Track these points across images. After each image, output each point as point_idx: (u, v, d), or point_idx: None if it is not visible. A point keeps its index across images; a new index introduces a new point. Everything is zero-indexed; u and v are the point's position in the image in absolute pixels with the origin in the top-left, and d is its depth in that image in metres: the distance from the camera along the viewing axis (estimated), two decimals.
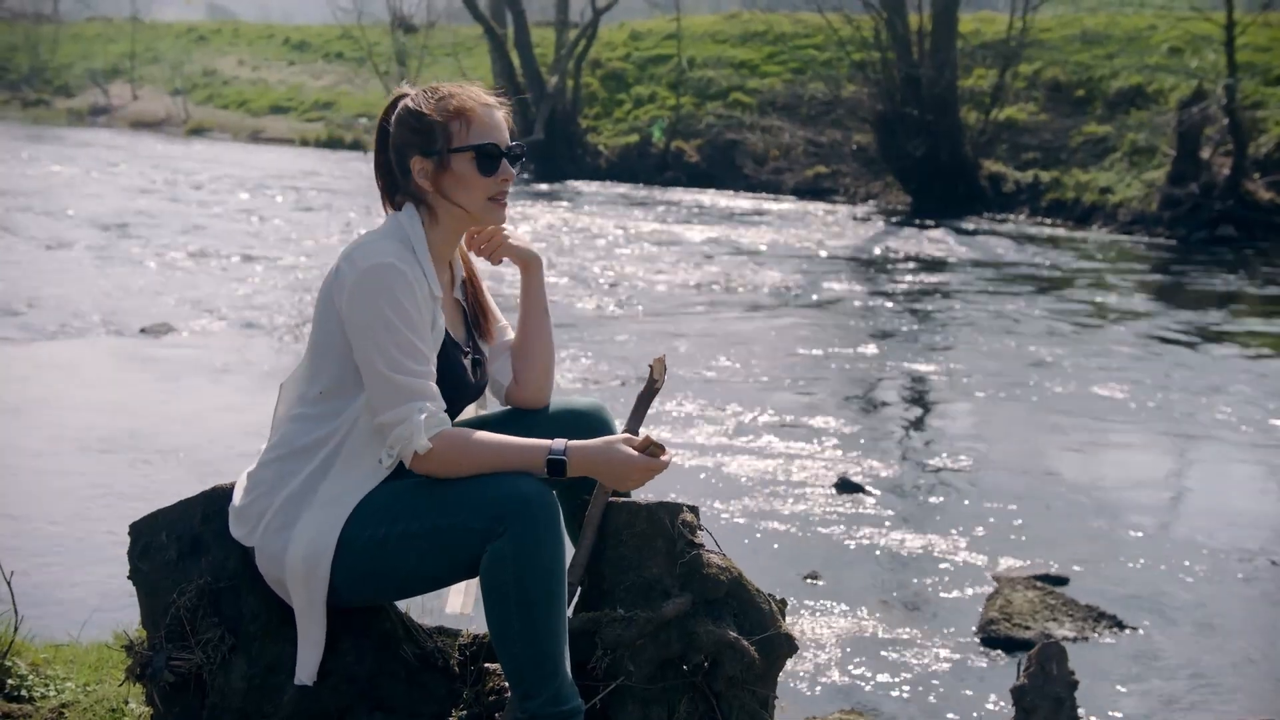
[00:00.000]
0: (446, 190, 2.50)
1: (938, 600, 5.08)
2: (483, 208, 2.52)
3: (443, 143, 2.48)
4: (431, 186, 2.51)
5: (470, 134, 2.49)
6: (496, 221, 2.57)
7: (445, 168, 2.49)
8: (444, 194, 2.51)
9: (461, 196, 2.50)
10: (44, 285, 10.93)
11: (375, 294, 2.37)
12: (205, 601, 2.51)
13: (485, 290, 2.75)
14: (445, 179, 2.50)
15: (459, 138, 2.49)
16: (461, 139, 2.49)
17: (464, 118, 2.49)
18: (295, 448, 2.46)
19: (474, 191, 2.50)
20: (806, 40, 27.77)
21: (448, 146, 2.48)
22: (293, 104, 33.69)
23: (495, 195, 2.52)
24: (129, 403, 7.52)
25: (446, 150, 2.48)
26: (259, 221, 16.09)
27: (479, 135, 2.49)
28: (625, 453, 2.39)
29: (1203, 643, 4.79)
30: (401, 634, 2.67)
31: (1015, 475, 6.76)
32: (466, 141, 2.48)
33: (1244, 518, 6.24)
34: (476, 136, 2.49)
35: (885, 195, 21.82)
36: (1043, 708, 2.65)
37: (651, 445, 2.40)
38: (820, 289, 12.82)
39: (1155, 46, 23.50)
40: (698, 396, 8.04)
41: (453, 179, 2.49)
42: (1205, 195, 17.65)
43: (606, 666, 2.50)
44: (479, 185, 2.50)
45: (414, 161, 2.50)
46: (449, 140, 2.48)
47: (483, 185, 2.50)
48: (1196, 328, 11.23)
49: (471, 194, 2.50)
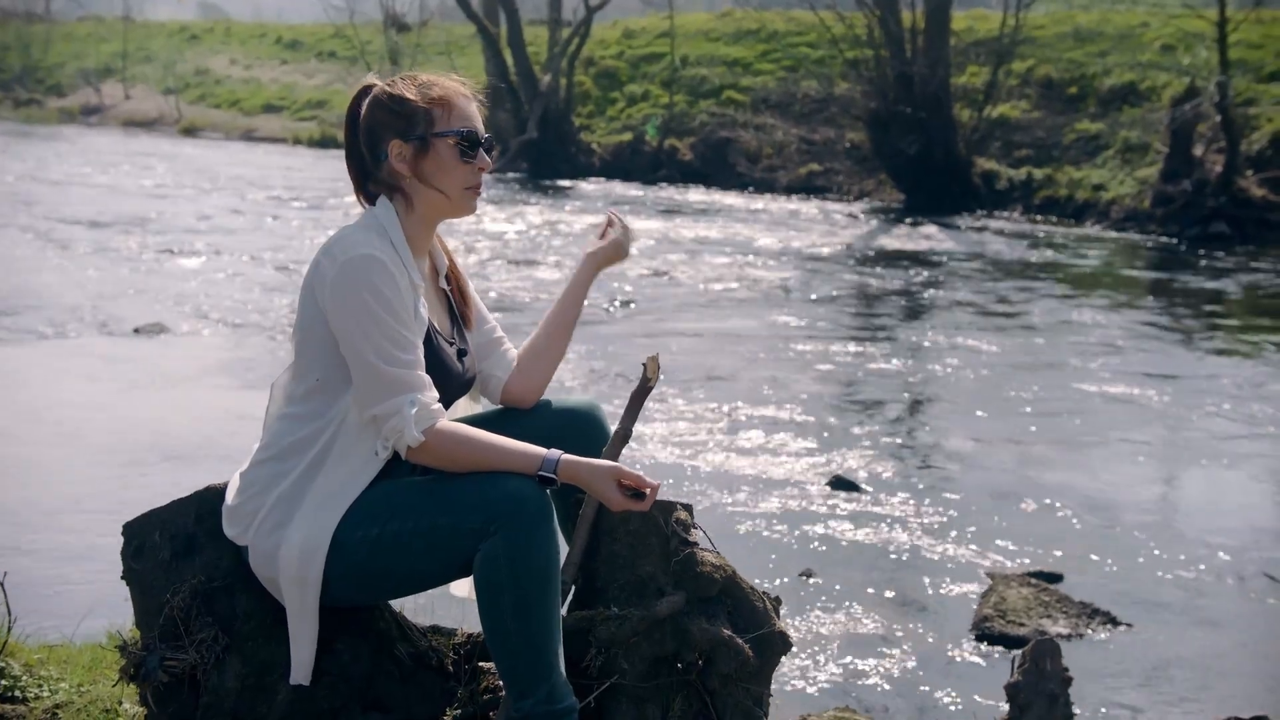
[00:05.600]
0: (426, 175, 2.50)
1: (932, 597, 5.08)
2: (460, 195, 2.53)
3: (424, 127, 2.49)
4: (409, 171, 2.50)
5: (452, 120, 2.51)
6: (469, 210, 2.58)
7: (426, 152, 2.49)
8: (423, 178, 2.50)
9: (441, 181, 2.51)
10: (37, 285, 10.91)
11: (357, 285, 2.36)
12: (199, 601, 2.50)
13: (467, 280, 2.76)
14: (425, 163, 2.50)
15: (441, 123, 2.50)
16: (444, 124, 2.50)
17: (446, 104, 2.51)
18: (286, 446, 2.46)
19: (453, 177, 2.51)
20: (799, 38, 27.79)
21: (430, 130, 2.49)
22: (285, 103, 33.65)
23: (472, 184, 2.54)
24: (122, 403, 7.51)
25: (429, 134, 2.49)
26: (252, 221, 16.07)
27: (460, 122, 2.51)
28: (608, 489, 2.40)
29: (1196, 639, 4.80)
30: (396, 633, 2.67)
31: (1009, 473, 6.77)
32: (449, 127, 2.50)
33: (1236, 515, 6.26)
34: (458, 123, 2.51)
35: (878, 193, 21.84)
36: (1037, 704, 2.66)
37: (638, 488, 2.40)
38: (814, 287, 12.82)
39: (1148, 44, 23.53)
40: (691, 394, 8.04)
41: (433, 164, 2.50)
42: (1198, 192, 17.67)
43: (601, 665, 2.50)
44: (459, 171, 2.51)
45: (392, 145, 2.49)
46: (431, 125, 2.49)
47: (462, 172, 2.51)
48: (1189, 325, 11.25)
49: (451, 179, 2.51)
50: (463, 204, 2.55)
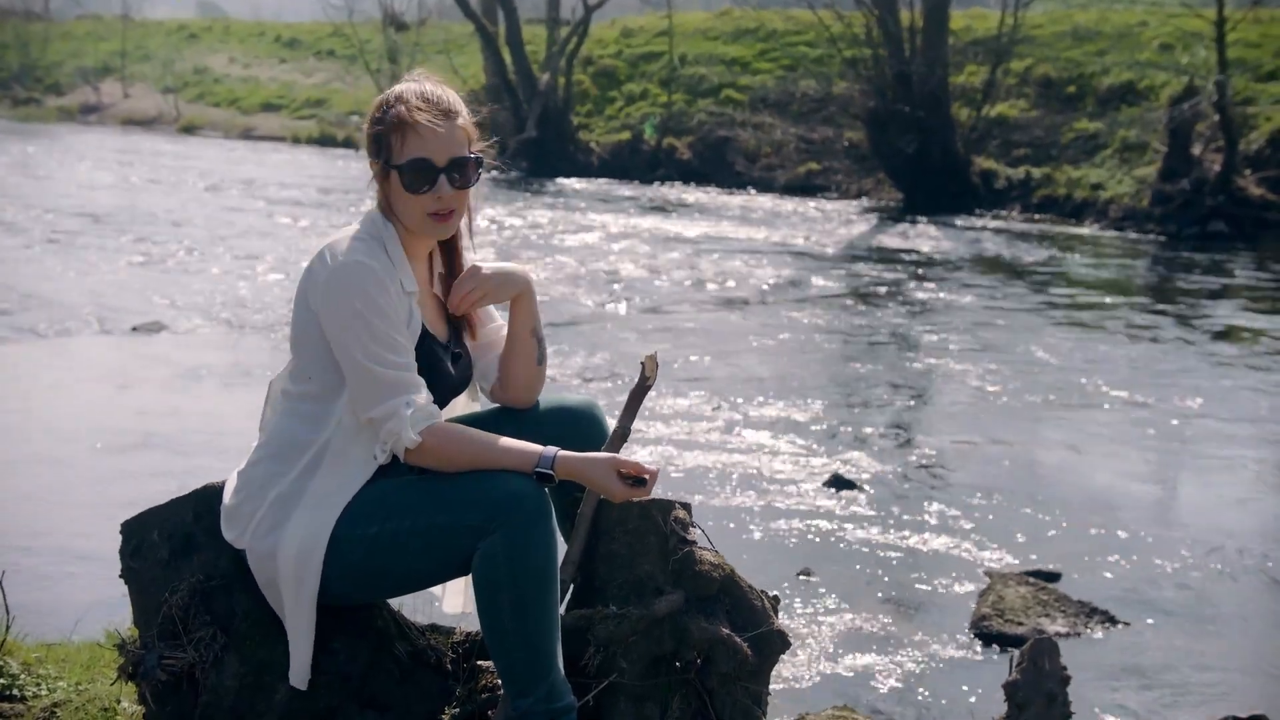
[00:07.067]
0: (389, 200, 2.46)
1: (930, 596, 5.08)
2: (421, 223, 2.45)
3: (385, 154, 2.44)
4: (381, 194, 2.48)
5: (405, 149, 2.41)
6: (441, 235, 2.50)
7: (387, 178, 2.45)
8: (390, 202, 2.47)
9: (399, 209, 2.45)
10: (35, 284, 10.91)
11: (347, 291, 2.36)
12: (197, 600, 2.50)
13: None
14: (387, 190, 2.46)
15: (395, 152, 2.42)
16: (397, 154, 2.42)
17: (400, 131, 2.41)
18: (283, 446, 2.45)
19: (408, 207, 2.44)
20: (798, 37, 27.78)
21: (388, 160, 2.43)
22: (284, 102, 33.63)
23: (435, 211, 2.44)
24: (120, 401, 7.50)
25: (388, 163, 2.44)
26: (250, 219, 16.06)
27: (412, 150, 2.40)
28: (608, 479, 2.39)
29: (1194, 637, 4.80)
30: (394, 632, 2.67)
31: (1007, 471, 6.77)
32: (400, 157, 2.41)
33: (1235, 514, 6.26)
34: (410, 151, 2.41)
35: (877, 192, 21.83)
36: (1035, 703, 2.65)
37: (638, 475, 2.40)
38: (812, 286, 12.83)
39: (1146, 43, 23.53)
40: (690, 393, 8.04)
41: (392, 191, 2.45)
42: (1196, 191, 17.68)
43: (599, 664, 2.50)
44: (411, 202, 2.43)
45: (372, 164, 2.48)
46: (389, 153, 2.43)
47: (414, 202, 2.43)
48: (1188, 324, 11.26)
49: (408, 209, 2.44)
50: (425, 230, 2.46)
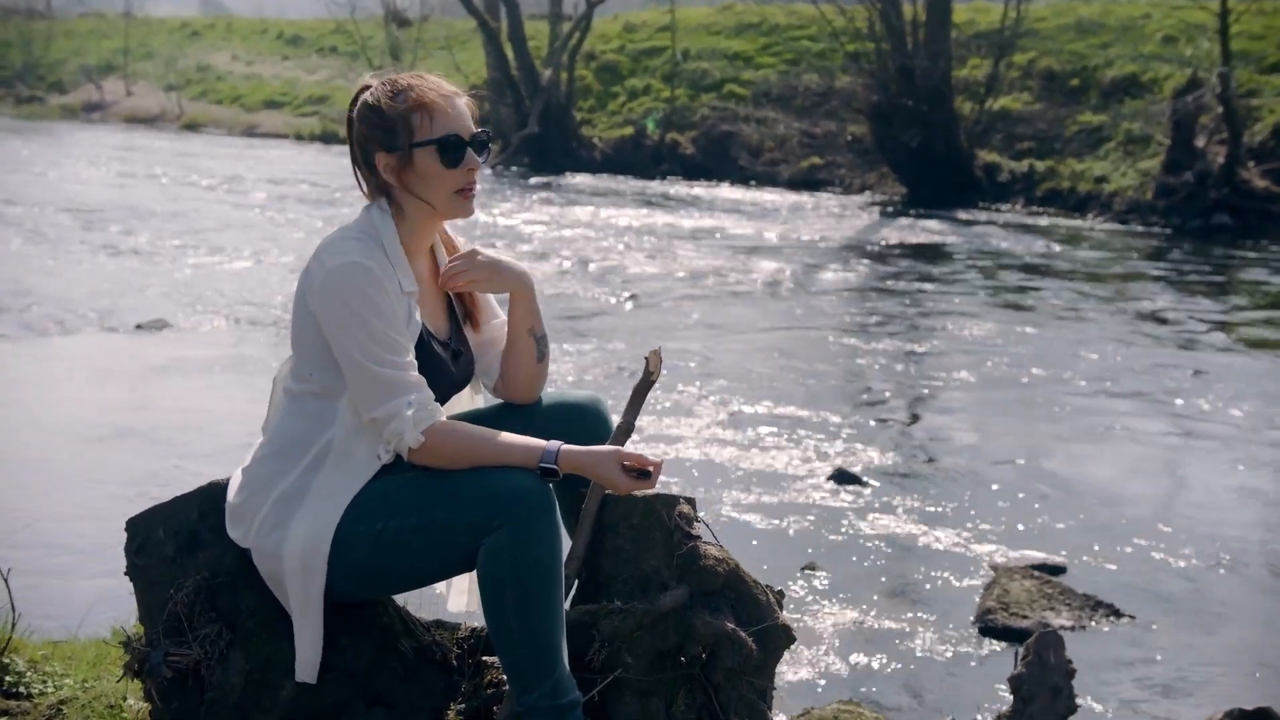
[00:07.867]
0: (411, 185, 2.46)
1: (935, 590, 5.08)
2: (448, 201, 2.48)
3: (404, 137, 2.44)
4: (397, 182, 2.47)
5: (433, 126, 2.44)
6: (464, 214, 2.52)
7: (409, 162, 2.45)
8: (409, 189, 2.47)
9: (426, 191, 2.46)
10: (39, 281, 10.91)
11: (344, 292, 2.35)
12: (203, 597, 2.50)
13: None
14: (409, 174, 2.45)
15: (421, 131, 2.44)
16: (424, 132, 2.44)
17: (424, 110, 2.44)
18: (286, 444, 2.46)
19: (439, 185, 2.46)
20: (800, 31, 27.75)
21: (410, 141, 2.44)
22: (287, 99, 33.64)
23: (462, 188, 2.47)
24: (125, 399, 7.51)
25: (409, 145, 2.44)
26: (254, 216, 16.06)
27: (441, 127, 2.44)
28: (612, 472, 2.40)
29: (1199, 631, 4.80)
30: (399, 628, 2.67)
31: (1012, 465, 6.77)
32: (429, 134, 2.44)
33: (1240, 507, 6.25)
34: (439, 128, 2.44)
35: (880, 186, 21.81)
36: (1040, 696, 2.65)
37: (642, 467, 2.40)
38: (816, 280, 12.82)
39: (1149, 35, 23.49)
40: (694, 388, 8.03)
41: (416, 174, 2.45)
42: (1200, 184, 17.65)
43: (604, 659, 2.50)
44: (444, 178, 2.45)
45: (378, 157, 2.46)
46: (410, 134, 2.44)
47: (448, 178, 2.45)
48: (1192, 317, 11.24)
49: (436, 188, 2.46)
50: (452, 210, 2.50)
